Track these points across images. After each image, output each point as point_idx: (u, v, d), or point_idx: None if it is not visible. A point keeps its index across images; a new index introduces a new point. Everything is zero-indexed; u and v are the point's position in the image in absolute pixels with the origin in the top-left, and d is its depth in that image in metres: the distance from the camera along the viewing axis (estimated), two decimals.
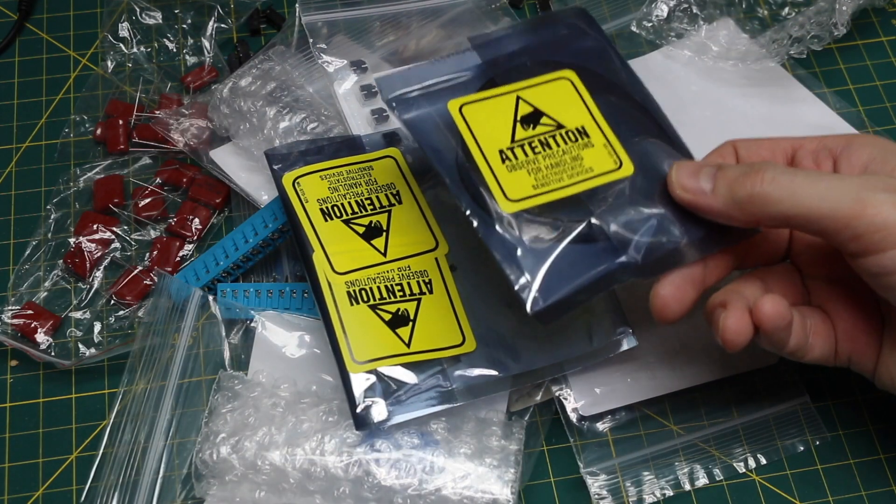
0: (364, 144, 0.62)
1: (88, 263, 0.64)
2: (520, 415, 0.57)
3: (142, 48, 0.72)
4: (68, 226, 0.66)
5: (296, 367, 0.58)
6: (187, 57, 0.72)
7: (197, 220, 0.65)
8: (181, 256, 0.64)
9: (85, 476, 0.57)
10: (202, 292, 0.60)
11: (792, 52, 0.68)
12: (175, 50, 0.73)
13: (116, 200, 0.66)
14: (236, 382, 0.58)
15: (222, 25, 0.73)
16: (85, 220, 0.65)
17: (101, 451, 0.57)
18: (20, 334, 0.62)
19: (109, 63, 0.72)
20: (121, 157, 0.68)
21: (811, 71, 0.70)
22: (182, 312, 0.60)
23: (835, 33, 0.67)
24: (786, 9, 0.73)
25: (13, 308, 0.62)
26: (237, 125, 0.65)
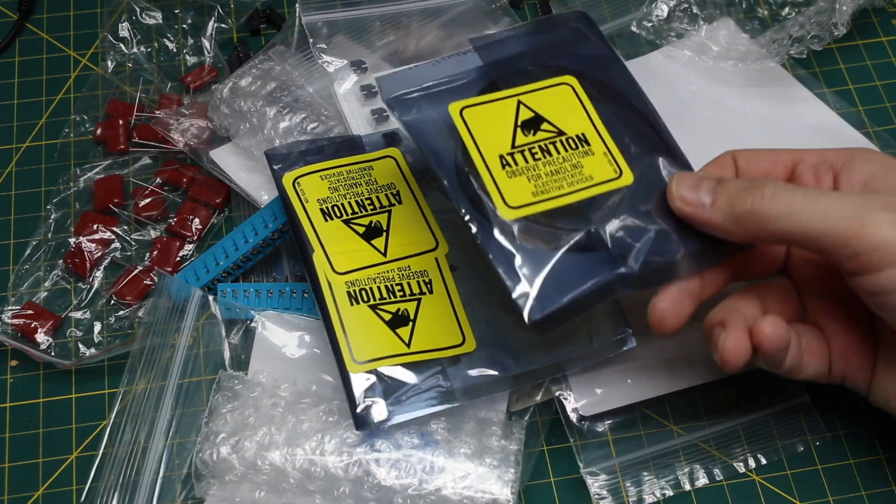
0: (364, 144, 0.62)
1: (88, 263, 0.64)
2: (520, 415, 0.57)
3: (142, 48, 0.72)
4: (68, 226, 0.66)
5: (296, 367, 0.58)
6: (187, 57, 0.72)
7: (197, 220, 0.65)
8: (181, 256, 0.64)
9: (85, 476, 0.57)
10: (202, 292, 0.60)
11: (792, 52, 0.68)
12: (175, 50, 0.73)
13: (116, 200, 0.66)
14: (236, 382, 0.58)
15: (222, 25, 0.73)
16: (85, 220, 0.65)
17: (101, 451, 0.57)
18: (20, 334, 0.62)
19: (109, 63, 0.72)
20: (121, 157, 0.68)
21: (811, 71, 0.70)
22: (182, 312, 0.60)
23: (835, 33, 0.67)
24: (786, 9, 0.73)
25: (13, 308, 0.62)
26: (237, 125, 0.65)
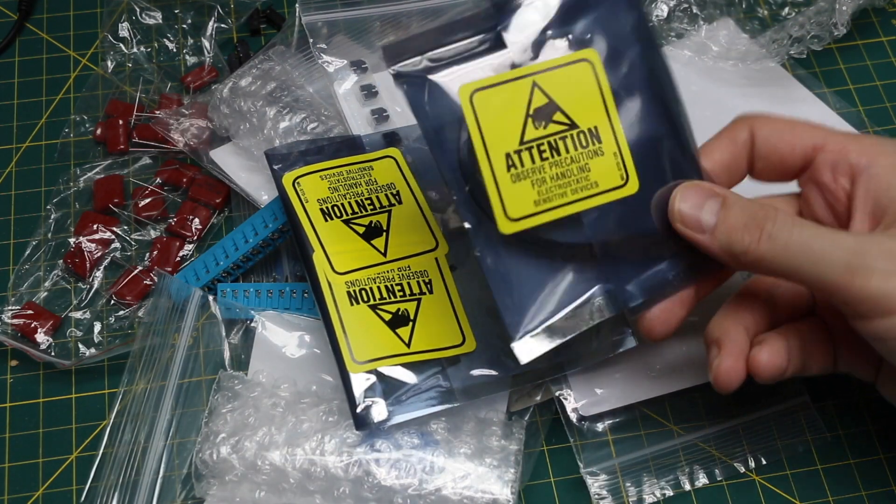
0: (364, 144, 0.62)
1: (88, 263, 0.64)
2: (520, 415, 0.57)
3: (142, 48, 0.72)
4: (68, 226, 0.66)
5: (296, 367, 0.58)
6: (187, 57, 0.72)
7: (197, 220, 0.65)
8: (181, 256, 0.64)
9: (85, 476, 0.57)
10: (202, 292, 0.60)
11: (792, 52, 0.68)
12: (175, 50, 0.73)
13: (116, 200, 0.66)
14: (236, 382, 0.58)
15: (222, 25, 0.73)
16: (85, 220, 0.65)
17: (101, 451, 0.57)
18: (20, 334, 0.62)
19: (109, 63, 0.72)
20: (121, 157, 0.68)
21: (811, 71, 0.70)
22: (182, 312, 0.59)
23: (835, 33, 0.67)
24: (786, 9, 0.73)
25: (13, 308, 0.62)
26: (237, 125, 0.65)
